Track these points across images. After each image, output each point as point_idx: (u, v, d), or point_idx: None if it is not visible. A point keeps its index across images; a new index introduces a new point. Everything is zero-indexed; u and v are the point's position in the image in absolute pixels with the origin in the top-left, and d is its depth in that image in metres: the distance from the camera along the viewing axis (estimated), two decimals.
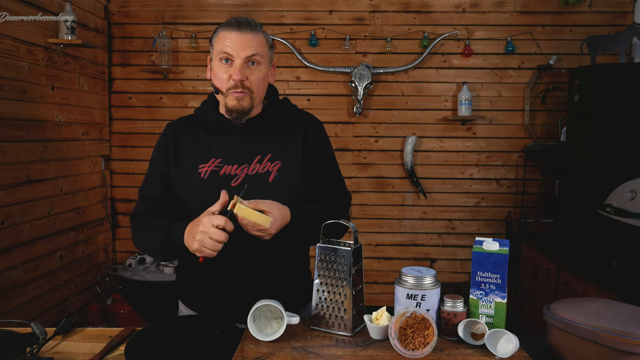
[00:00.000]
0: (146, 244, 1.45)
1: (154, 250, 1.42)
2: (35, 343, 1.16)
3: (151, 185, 1.49)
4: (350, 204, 1.61)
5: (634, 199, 2.42)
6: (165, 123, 1.55)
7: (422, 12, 3.68)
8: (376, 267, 3.84)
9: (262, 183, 1.41)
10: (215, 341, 1.24)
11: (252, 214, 1.23)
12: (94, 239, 3.55)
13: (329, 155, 1.57)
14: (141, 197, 1.50)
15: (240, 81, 1.36)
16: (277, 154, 1.44)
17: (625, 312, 1.13)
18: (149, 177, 1.51)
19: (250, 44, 1.37)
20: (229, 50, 1.36)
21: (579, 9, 3.62)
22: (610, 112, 2.89)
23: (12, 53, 2.67)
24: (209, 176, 1.41)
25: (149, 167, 1.52)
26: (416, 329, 1.15)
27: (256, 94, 1.41)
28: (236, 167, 1.42)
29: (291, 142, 1.48)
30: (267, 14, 3.70)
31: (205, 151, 1.45)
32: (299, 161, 1.46)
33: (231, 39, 1.36)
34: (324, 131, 1.58)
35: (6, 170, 2.64)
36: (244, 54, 1.36)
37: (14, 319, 2.59)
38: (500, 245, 1.23)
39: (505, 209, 3.77)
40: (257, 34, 1.39)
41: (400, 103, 3.75)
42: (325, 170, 1.53)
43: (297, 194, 1.43)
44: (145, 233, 1.44)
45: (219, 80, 1.40)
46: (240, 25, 1.37)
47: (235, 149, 1.44)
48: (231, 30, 1.37)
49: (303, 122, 1.53)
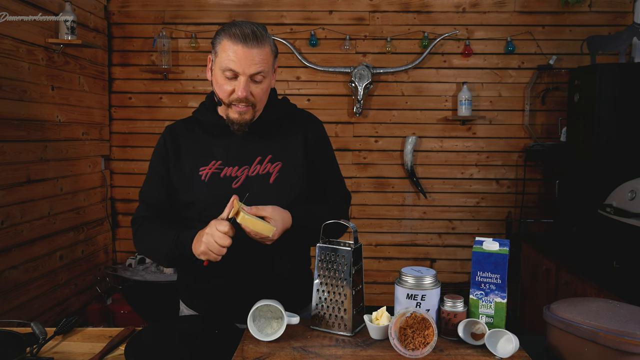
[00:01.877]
0: (151, 249, 1.45)
1: (161, 256, 1.41)
2: (35, 343, 1.16)
3: (151, 188, 1.49)
4: (350, 204, 1.61)
5: (634, 199, 2.42)
6: (165, 123, 1.56)
7: (422, 12, 3.68)
8: (376, 267, 3.84)
9: (263, 184, 1.40)
10: (215, 341, 1.24)
11: (256, 223, 1.23)
12: (94, 239, 3.55)
13: (329, 155, 1.57)
14: (142, 201, 1.50)
15: (244, 97, 1.35)
16: (278, 154, 1.44)
17: (625, 312, 1.13)
18: (149, 180, 1.51)
19: (255, 60, 1.32)
20: (234, 67, 1.32)
21: (579, 9, 3.62)
22: (610, 112, 2.89)
23: (12, 53, 2.67)
24: (209, 178, 1.41)
25: (148, 170, 1.52)
26: (416, 329, 1.15)
27: (259, 106, 1.41)
28: (237, 169, 1.41)
29: (292, 143, 1.47)
30: (267, 14, 3.70)
31: (205, 153, 1.44)
32: (299, 161, 1.45)
33: (236, 54, 1.31)
34: (324, 131, 1.57)
35: (6, 170, 2.64)
36: (250, 72, 1.32)
37: (14, 319, 2.59)
38: (500, 245, 1.23)
39: (505, 209, 3.77)
40: (263, 48, 1.33)
41: (400, 103, 3.75)
42: (326, 170, 1.53)
43: (298, 195, 1.43)
44: (149, 238, 1.43)
45: (222, 91, 1.37)
46: (247, 38, 1.30)
47: (235, 150, 1.43)
48: (237, 43, 1.31)
49: (303, 122, 1.52)
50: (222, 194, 1.35)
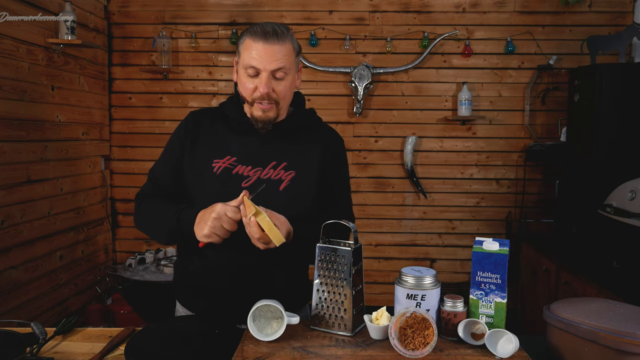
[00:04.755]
0: (150, 225, 1.45)
1: (160, 233, 1.42)
2: (35, 343, 1.16)
3: (161, 169, 1.50)
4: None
5: (634, 199, 2.42)
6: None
7: (422, 12, 3.68)
8: (376, 267, 3.84)
9: (273, 189, 1.39)
10: (215, 341, 1.24)
11: (271, 228, 1.23)
12: (94, 239, 3.55)
13: (343, 176, 1.55)
14: (150, 179, 1.51)
15: (266, 94, 1.35)
16: (293, 163, 1.43)
17: (625, 312, 1.13)
18: (161, 159, 1.52)
19: (276, 56, 1.34)
20: (255, 64, 1.34)
21: (579, 9, 3.62)
22: (610, 112, 2.89)
23: (12, 53, 2.67)
24: (221, 172, 1.40)
25: (164, 149, 1.52)
26: (416, 329, 1.15)
27: (282, 104, 1.41)
28: (250, 169, 1.40)
29: (309, 154, 1.46)
30: (267, 14, 3.70)
31: (222, 147, 1.44)
32: (313, 175, 1.44)
33: (257, 51, 1.33)
34: (344, 150, 1.56)
35: (6, 170, 2.64)
36: (270, 67, 1.34)
37: (14, 319, 2.59)
38: (500, 245, 1.22)
39: (505, 209, 3.77)
40: (284, 44, 1.35)
41: (400, 103, 3.75)
42: (337, 189, 1.51)
43: (304, 208, 1.41)
44: (150, 214, 1.44)
45: (245, 89, 1.38)
46: (267, 35, 1.33)
47: (252, 150, 1.43)
48: (257, 40, 1.33)
49: (325, 136, 1.51)
50: (230, 190, 1.34)
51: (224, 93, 3.73)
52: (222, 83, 3.75)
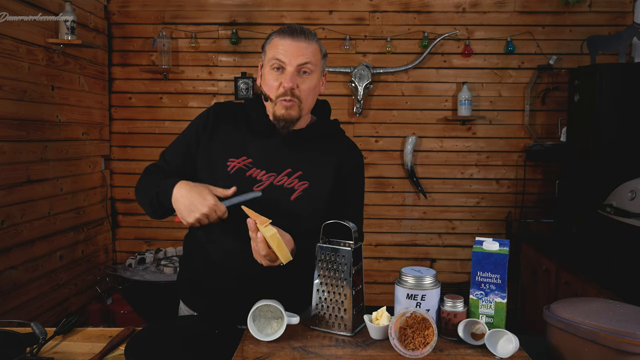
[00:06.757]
0: (140, 196, 1.46)
1: (145, 205, 1.44)
2: (35, 343, 1.16)
3: (172, 154, 1.49)
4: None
5: (634, 199, 2.42)
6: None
7: (422, 12, 3.68)
8: (376, 267, 3.84)
9: (284, 197, 1.38)
10: (215, 341, 1.24)
11: (280, 246, 1.20)
12: (94, 239, 3.55)
13: (357, 191, 1.52)
14: (161, 159, 1.51)
15: (290, 89, 1.34)
16: (308, 173, 1.41)
17: (625, 312, 1.13)
18: (175, 144, 1.51)
19: (303, 52, 1.35)
20: (281, 57, 1.34)
21: (579, 9, 3.62)
22: (610, 112, 2.89)
23: (12, 53, 2.67)
24: (234, 172, 1.39)
25: (180, 134, 1.51)
26: (416, 329, 1.15)
27: (305, 104, 1.40)
28: (264, 173, 1.39)
29: (325, 167, 1.43)
30: (267, 14, 3.70)
31: (239, 146, 1.42)
32: (326, 188, 1.42)
33: (284, 46, 1.35)
34: (362, 164, 1.54)
35: (6, 170, 2.64)
36: (296, 62, 1.34)
37: (14, 319, 2.59)
38: (500, 245, 1.22)
39: (505, 209, 3.77)
40: (311, 43, 1.38)
41: (400, 103, 3.75)
42: (350, 203, 1.47)
43: (314, 223, 1.35)
44: (142, 186, 1.46)
45: (269, 87, 1.38)
46: (294, 32, 1.36)
47: (268, 154, 1.41)
48: (284, 37, 1.36)
49: (343, 149, 1.49)
50: (241, 192, 1.33)
51: (224, 93, 3.72)
52: (222, 83, 3.75)
